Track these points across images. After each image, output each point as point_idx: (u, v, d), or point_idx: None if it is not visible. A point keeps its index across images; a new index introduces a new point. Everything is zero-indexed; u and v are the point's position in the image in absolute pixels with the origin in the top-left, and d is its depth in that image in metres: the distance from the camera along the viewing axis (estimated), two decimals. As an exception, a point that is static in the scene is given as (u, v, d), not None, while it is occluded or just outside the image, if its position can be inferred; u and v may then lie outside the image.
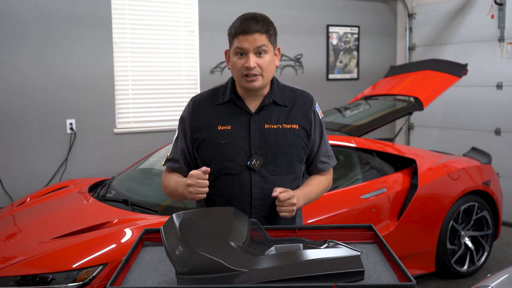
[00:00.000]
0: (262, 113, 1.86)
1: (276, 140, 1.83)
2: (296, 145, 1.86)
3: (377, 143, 3.87)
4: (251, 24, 1.76)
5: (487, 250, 4.09)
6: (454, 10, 5.88)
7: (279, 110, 1.87)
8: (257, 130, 1.83)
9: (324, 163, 1.98)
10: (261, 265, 1.36)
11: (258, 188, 1.83)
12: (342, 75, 6.10)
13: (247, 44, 1.75)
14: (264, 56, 1.78)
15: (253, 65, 1.75)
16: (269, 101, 1.86)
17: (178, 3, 5.02)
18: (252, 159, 1.81)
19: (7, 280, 2.39)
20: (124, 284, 1.40)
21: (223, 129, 1.84)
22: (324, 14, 5.88)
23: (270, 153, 1.83)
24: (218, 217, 1.52)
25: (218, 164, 1.83)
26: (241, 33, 1.76)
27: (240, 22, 1.79)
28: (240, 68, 1.78)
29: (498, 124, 5.50)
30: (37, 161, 4.39)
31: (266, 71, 1.79)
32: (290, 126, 1.85)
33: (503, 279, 2.14)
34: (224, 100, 1.88)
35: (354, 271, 1.35)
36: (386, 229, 3.48)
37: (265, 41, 1.78)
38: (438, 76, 4.57)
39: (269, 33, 1.80)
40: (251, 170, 1.82)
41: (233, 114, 1.86)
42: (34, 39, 4.30)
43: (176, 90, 5.09)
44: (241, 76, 1.79)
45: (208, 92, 1.93)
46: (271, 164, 1.83)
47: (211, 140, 1.84)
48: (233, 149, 1.82)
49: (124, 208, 3.07)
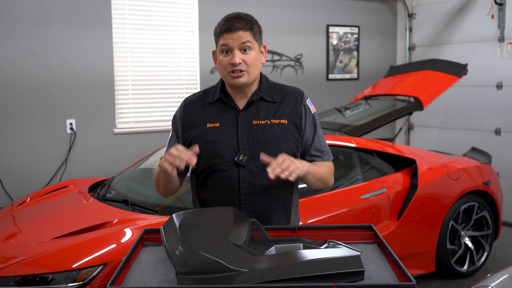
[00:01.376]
0: (250, 110, 1.88)
1: (263, 135, 1.84)
2: (284, 140, 1.86)
3: (377, 143, 3.88)
4: (235, 22, 1.80)
5: (487, 250, 4.09)
6: (454, 10, 5.88)
7: (268, 106, 1.89)
8: (245, 127, 1.85)
9: (314, 156, 1.92)
10: (261, 265, 1.36)
11: (247, 183, 1.84)
12: (342, 75, 6.10)
13: (231, 41, 1.79)
14: (249, 53, 1.81)
15: (238, 61, 1.78)
16: (257, 98, 1.88)
17: (178, 3, 5.02)
18: (240, 155, 1.83)
19: (7, 280, 2.40)
20: (124, 284, 1.40)
21: (212, 127, 1.87)
22: (324, 14, 5.88)
23: (258, 148, 1.83)
24: (218, 217, 1.52)
25: (208, 161, 1.85)
26: (225, 32, 1.80)
27: (224, 21, 1.83)
28: (226, 65, 1.81)
29: (498, 124, 5.50)
30: (37, 161, 4.39)
31: (251, 67, 1.82)
32: (278, 121, 1.87)
33: (503, 279, 2.14)
34: (214, 99, 1.91)
35: (354, 271, 1.35)
36: (386, 229, 3.48)
37: (249, 38, 1.81)
38: (438, 76, 4.57)
39: (253, 30, 1.83)
40: (239, 166, 1.84)
41: (222, 111, 1.89)
42: (34, 39, 4.30)
43: (176, 90, 5.09)
44: (227, 73, 1.82)
45: (199, 93, 1.98)
46: (259, 159, 1.82)
47: (200, 137, 1.87)
48: (221, 145, 1.84)
49: (124, 208, 3.07)
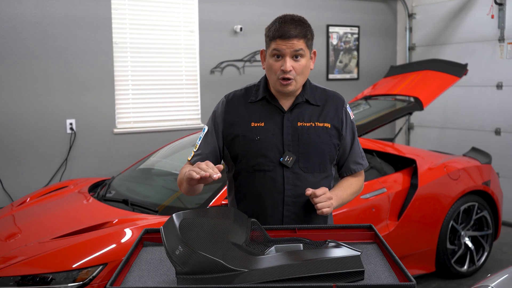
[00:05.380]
0: (295, 111, 1.87)
1: (308, 137, 1.85)
2: (328, 143, 1.87)
3: (377, 143, 3.88)
4: (290, 29, 1.76)
5: (487, 250, 4.09)
6: (454, 10, 5.88)
7: (312, 109, 1.89)
8: (290, 128, 1.85)
9: (357, 164, 1.97)
10: (261, 265, 1.36)
11: (291, 184, 1.83)
12: (342, 75, 6.10)
13: (284, 48, 1.76)
14: (300, 60, 1.79)
15: (289, 68, 1.76)
16: (302, 100, 1.88)
17: (178, 3, 5.02)
18: (285, 156, 1.82)
19: (7, 280, 2.39)
20: (124, 284, 1.40)
21: (256, 126, 1.85)
22: (324, 14, 5.88)
23: (303, 150, 1.84)
24: (218, 217, 1.52)
25: (251, 160, 1.84)
26: (279, 37, 1.76)
27: (279, 25, 1.79)
28: (276, 70, 1.79)
29: (498, 124, 5.50)
30: (37, 161, 4.39)
31: (300, 75, 1.81)
32: (322, 125, 1.87)
33: (503, 279, 2.14)
34: (258, 98, 1.89)
35: (354, 271, 1.35)
36: (386, 229, 3.48)
37: (302, 46, 1.78)
38: (438, 76, 4.57)
39: (307, 37, 1.80)
40: (283, 167, 1.83)
41: (267, 111, 1.87)
42: (34, 39, 4.30)
43: (176, 90, 5.09)
44: (276, 78, 1.81)
45: (241, 91, 1.95)
46: (304, 161, 1.84)
47: (244, 136, 1.85)
48: (266, 145, 1.83)
49: (124, 208, 3.06)
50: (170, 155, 3.81)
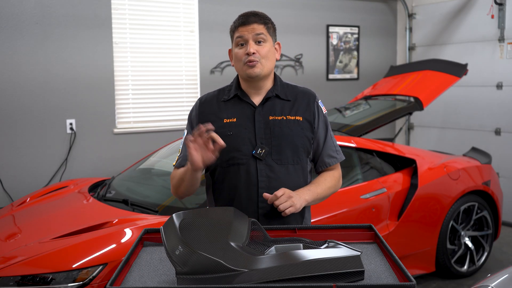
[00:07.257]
0: (266, 106, 1.92)
1: (280, 130, 1.88)
2: (300, 136, 1.90)
3: (377, 143, 3.88)
4: (249, 16, 1.88)
5: (487, 250, 4.09)
6: (454, 10, 5.88)
7: (283, 104, 1.93)
8: (262, 122, 1.89)
9: (331, 158, 2.00)
10: (261, 265, 1.36)
11: (264, 176, 1.87)
12: (342, 75, 6.10)
13: (246, 33, 1.86)
14: (263, 45, 1.87)
15: (253, 50, 1.84)
16: (273, 95, 1.93)
17: (178, 3, 5.02)
18: (257, 148, 1.86)
19: (7, 280, 2.40)
20: (124, 284, 1.40)
21: (229, 122, 1.90)
22: (324, 14, 5.88)
23: (275, 143, 1.88)
24: (218, 217, 1.52)
25: (225, 155, 1.87)
26: (240, 25, 1.88)
27: (239, 17, 1.91)
28: (241, 56, 1.87)
29: (498, 124, 5.50)
30: (37, 161, 4.39)
31: (265, 59, 1.87)
32: (294, 118, 1.91)
33: (503, 279, 2.14)
34: (230, 96, 1.95)
35: (354, 271, 1.35)
36: (386, 229, 3.48)
37: (263, 31, 1.88)
38: (438, 76, 4.57)
39: (267, 25, 1.90)
40: (257, 160, 1.87)
41: (238, 107, 1.93)
42: (34, 39, 4.30)
43: (176, 90, 5.09)
44: (242, 64, 1.87)
45: (214, 92, 2.03)
46: (276, 153, 1.87)
47: (218, 132, 1.86)
48: (239, 139, 1.88)
49: (124, 208, 3.07)
50: (170, 155, 3.81)
